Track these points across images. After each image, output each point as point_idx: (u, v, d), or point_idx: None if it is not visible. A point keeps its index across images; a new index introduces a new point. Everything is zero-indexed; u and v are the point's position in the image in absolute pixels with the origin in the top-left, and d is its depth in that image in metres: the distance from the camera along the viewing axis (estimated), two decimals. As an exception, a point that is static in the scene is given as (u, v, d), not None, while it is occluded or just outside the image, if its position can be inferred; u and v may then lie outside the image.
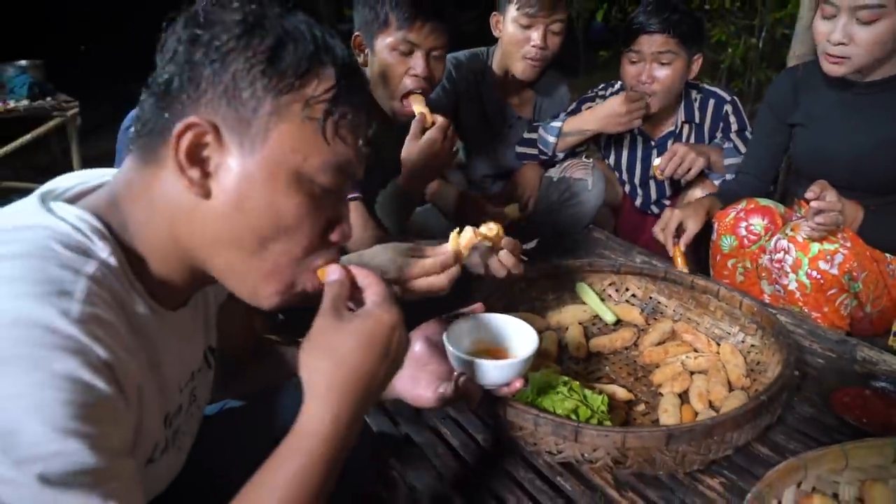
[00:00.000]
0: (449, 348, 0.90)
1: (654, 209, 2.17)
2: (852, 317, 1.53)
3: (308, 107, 0.62)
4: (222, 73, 0.59)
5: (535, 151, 2.06)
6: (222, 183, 0.61)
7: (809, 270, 1.41)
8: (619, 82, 2.08)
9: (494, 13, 2.03)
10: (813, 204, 1.37)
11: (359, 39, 1.59)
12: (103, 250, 0.59)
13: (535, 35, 1.93)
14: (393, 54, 1.51)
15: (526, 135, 2.11)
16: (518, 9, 1.91)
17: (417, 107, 1.50)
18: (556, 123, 2.00)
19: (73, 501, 0.49)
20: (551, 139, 2.00)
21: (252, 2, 0.63)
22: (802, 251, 1.41)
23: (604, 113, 1.93)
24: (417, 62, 1.52)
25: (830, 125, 1.60)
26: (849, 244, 1.42)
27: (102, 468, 0.51)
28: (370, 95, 1.62)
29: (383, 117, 1.70)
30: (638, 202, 2.19)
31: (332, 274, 0.69)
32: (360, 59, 1.62)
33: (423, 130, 1.47)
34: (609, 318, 1.40)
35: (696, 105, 2.01)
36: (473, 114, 2.11)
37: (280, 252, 0.64)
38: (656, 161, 1.95)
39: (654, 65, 1.86)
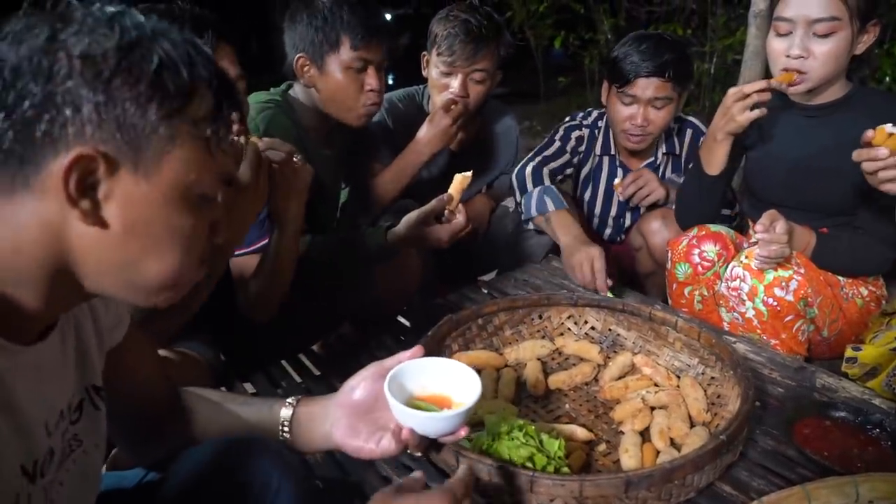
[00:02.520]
0: (390, 398, 0.85)
1: (620, 238, 2.15)
2: (811, 341, 1.53)
3: (196, 127, 0.62)
4: (108, 102, 0.57)
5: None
6: (115, 210, 0.59)
7: (765, 298, 1.40)
8: (596, 111, 2.04)
9: (424, 52, 1.97)
10: (759, 236, 1.37)
11: (302, 61, 1.59)
12: None
13: (455, 83, 1.86)
14: (347, 72, 1.59)
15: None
16: (438, 55, 1.86)
17: (454, 189, 1.49)
18: (550, 206, 1.83)
19: None
20: (533, 212, 1.86)
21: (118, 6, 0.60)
22: (757, 279, 1.41)
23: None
24: (373, 78, 1.61)
25: (781, 148, 1.61)
26: (802, 270, 1.42)
27: None
28: (319, 112, 1.63)
29: (323, 131, 1.69)
30: (607, 234, 2.15)
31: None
32: (304, 81, 1.62)
33: (442, 210, 1.50)
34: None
35: (675, 134, 1.99)
36: None
37: (177, 264, 0.65)
38: (617, 179, 1.94)
39: (650, 108, 1.79)
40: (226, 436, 0.88)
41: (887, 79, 3.50)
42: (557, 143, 2.02)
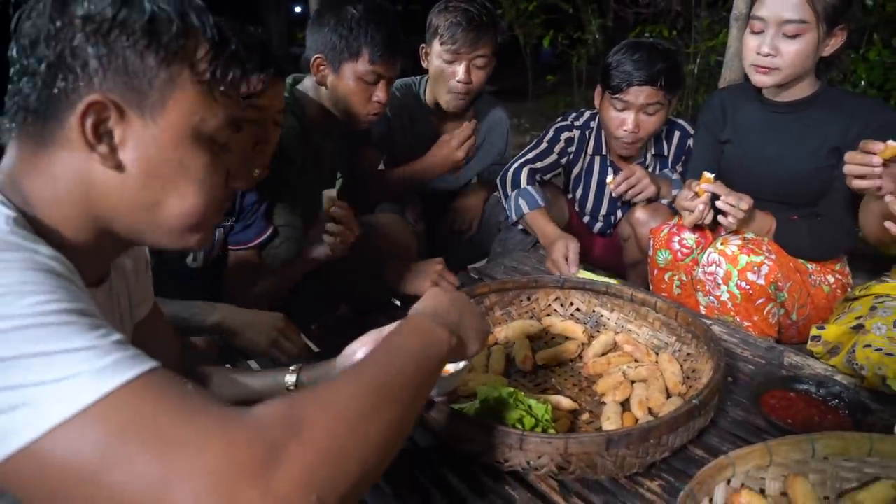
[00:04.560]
0: None
1: (610, 231, 2.23)
2: (781, 325, 1.63)
3: (194, 72, 0.68)
4: (109, 53, 0.64)
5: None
6: (131, 153, 0.66)
7: (739, 281, 1.50)
8: (588, 111, 2.11)
9: (423, 45, 2.05)
10: (723, 199, 1.53)
11: (320, 61, 1.66)
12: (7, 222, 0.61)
13: (459, 70, 1.96)
14: (360, 82, 1.66)
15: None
16: (441, 44, 1.95)
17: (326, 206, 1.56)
18: (525, 208, 1.92)
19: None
20: (513, 217, 1.95)
21: None
22: (732, 264, 1.50)
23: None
24: (382, 92, 1.69)
25: (754, 143, 1.71)
26: (773, 256, 1.52)
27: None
28: (325, 108, 1.70)
29: (327, 126, 1.77)
30: (597, 228, 2.23)
31: None
32: (317, 78, 1.68)
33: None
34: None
35: (663, 136, 2.05)
36: (409, 144, 2.14)
37: (197, 202, 0.71)
38: (609, 177, 2.03)
39: (641, 114, 1.85)
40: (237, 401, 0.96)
41: (862, 83, 3.63)
42: (545, 145, 2.08)
